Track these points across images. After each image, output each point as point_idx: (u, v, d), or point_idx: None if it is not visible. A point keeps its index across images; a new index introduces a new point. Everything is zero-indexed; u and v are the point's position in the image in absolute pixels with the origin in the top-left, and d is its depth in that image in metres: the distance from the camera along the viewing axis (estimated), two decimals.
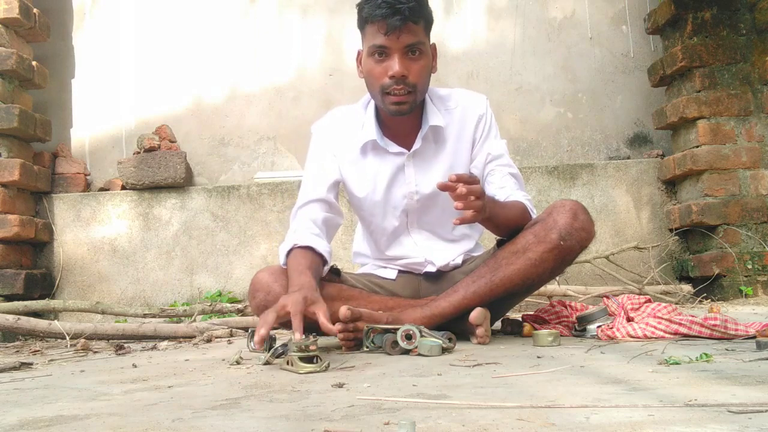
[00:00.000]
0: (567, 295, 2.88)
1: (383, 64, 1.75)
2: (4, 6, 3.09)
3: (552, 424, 0.80)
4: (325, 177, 1.93)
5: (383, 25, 1.71)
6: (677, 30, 3.25)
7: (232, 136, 3.61)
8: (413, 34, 1.73)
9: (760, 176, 3.09)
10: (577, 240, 1.71)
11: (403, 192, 1.90)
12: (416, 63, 1.76)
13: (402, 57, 1.74)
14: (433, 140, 1.89)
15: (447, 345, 1.56)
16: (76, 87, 3.64)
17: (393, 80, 1.74)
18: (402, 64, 1.73)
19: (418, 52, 1.76)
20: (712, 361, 1.23)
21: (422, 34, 1.77)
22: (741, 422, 0.75)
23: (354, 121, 1.94)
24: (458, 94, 1.95)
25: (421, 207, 1.91)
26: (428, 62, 1.80)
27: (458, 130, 1.90)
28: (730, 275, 3.02)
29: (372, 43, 1.75)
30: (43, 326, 2.55)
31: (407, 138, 1.89)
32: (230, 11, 3.68)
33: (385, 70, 1.75)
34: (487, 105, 1.94)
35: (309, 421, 0.88)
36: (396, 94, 1.75)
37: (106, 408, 1.08)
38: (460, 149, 1.90)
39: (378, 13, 1.70)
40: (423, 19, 1.76)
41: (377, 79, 1.77)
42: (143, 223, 3.38)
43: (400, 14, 1.69)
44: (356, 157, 1.92)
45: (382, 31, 1.72)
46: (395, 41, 1.72)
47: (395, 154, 1.89)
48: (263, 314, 1.54)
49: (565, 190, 3.35)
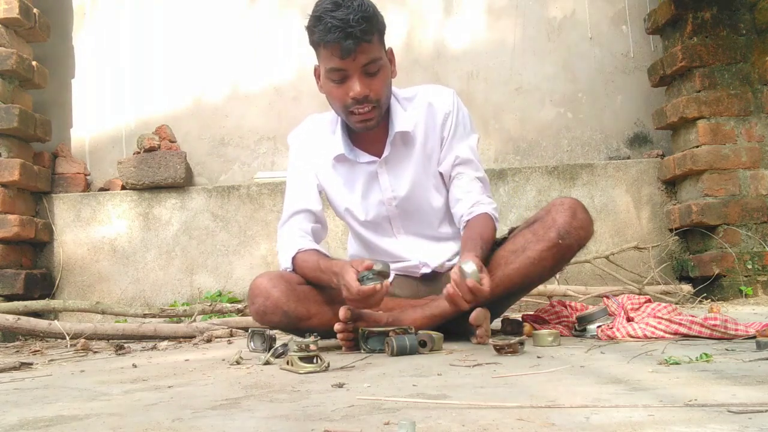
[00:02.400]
0: (567, 295, 2.88)
1: (343, 86, 1.74)
2: (4, 6, 3.09)
3: (552, 424, 0.80)
4: (307, 188, 1.95)
5: (337, 49, 1.68)
6: (677, 30, 3.25)
7: (232, 136, 3.61)
8: (368, 53, 1.70)
9: (760, 176, 3.09)
10: (575, 238, 1.71)
11: (380, 198, 1.91)
12: (375, 79, 1.74)
13: (360, 76, 1.72)
14: (402, 144, 1.89)
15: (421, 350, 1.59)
16: (76, 87, 3.64)
17: (354, 101, 1.73)
18: (362, 84, 1.72)
19: (377, 69, 1.74)
20: (712, 361, 1.23)
21: (377, 48, 1.74)
22: (741, 422, 0.75)
23: (327, 129, 1.95)
24: (424, 92, 1.93)
25: (402, 211, 1.92)
26: (387, 74, 1.79)
27: (425, 130, 1.89)
28: (730, 275, 3.01)
29: (329, 67, 1.73)
30: (43, 326, 2.55)
31: (377, 145, 1.89)
32: (230, 11, 3.68)
33: (346, 91, 1.73)
34: (453, 100, 1.92)
35: (309, 421, 0.88)
36: (360, 112, 1.75)
37: (106, 408, 1.08)
38: (429, 149, 1.90)
39: (330, 38, 1.67)
40: (375, 33, 1.72)
41: (339, 101, 1.77)
42: (143, 223, 3.38)
43: (352, 38, 1.65)
44: (330, 167, 1.93)
45: (337, 54, 1.69)
46: (351, 63, 1.70)
47: (366, 163, 1.89)
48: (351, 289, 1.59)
49: (565, 190, 3.35)
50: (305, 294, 1.77)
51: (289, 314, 1.73)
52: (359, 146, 1.90)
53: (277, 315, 1.74)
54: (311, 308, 1.76)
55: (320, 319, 1.76)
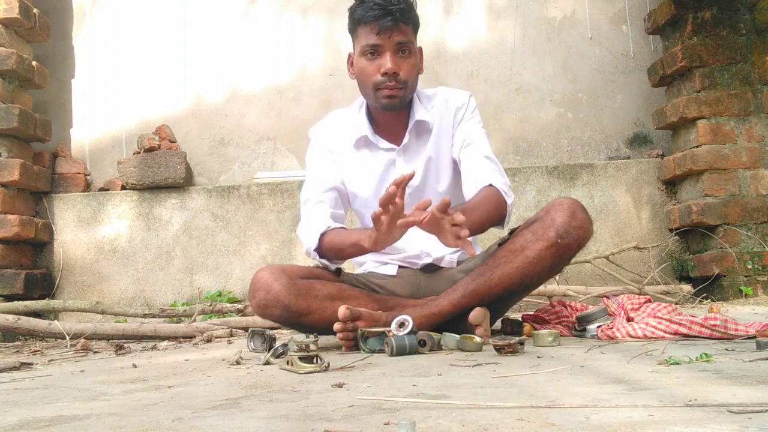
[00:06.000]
0: (567, 295, 2.88)
1: (376, 62, 1.87)
2: (4, 6, 3.09)
3: (552, 424, 0.80)
4: (327, 179, 2.00)
5: (375, 26, 1.83)
6: (677, 30, 3.24)
7: (232, 136, 3.61)
8: (403, 33, 1.86)
9: (760, 176, 3.09)
10: (575, 238, 1.71)
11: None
12: (406, 61, 1.88)
13: (393, 55, 1.85)
14: (420, 134, 1.99)
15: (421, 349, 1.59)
16: (76, 87, 3.64)
17: (385, 77, 1.85)
18: (393, 61, 1.85)
19: (408, 51, 1.88)
20: (712, 361, 1.23)
21: (411, 34, 1.90)
22: (741, 422, 0.75)
23: (349, 121, 2.04)
24: (443, 91, 2.06)
25: (414, 201, 1.92)
26: (417, 61, 1.93)
27: (440, 123, 1.99)
28: (730, 275, 3.01)
29: (365, 43, 1.87)
30: (43, 326, 2.55)
31: (397, 135, 1.99)
32: (230, 11, 3.68)
33: (378, 67, 1.86)
34: (469, 99, 2.03)
35: (309, 421, 0.88)
36: (388, 88, 1.86)
37: (106, 408, 1.08)
38: (442, 139, 1.99)
39: (370, 15, 1.83)
40: (411, 21, 1.89)
41: (370, 77, 1.88)
42: (143, 223, 3.38)
43: (391, 15, 1.82)
44: (351, 153, 2.01)
45: (374, 31, 1.84)
46: (387, 40, 1.84)
47: (386, 150, 1.99)
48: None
49: (565, 190, 3.35)
50: (306, 289, 1.78)
51: (290, 308, 1.74)
52: (380, 134, 2.00)
53: (277, 309, 1.75)
54: (312, 303, 1.77)
55: (321, 315, 1.77)
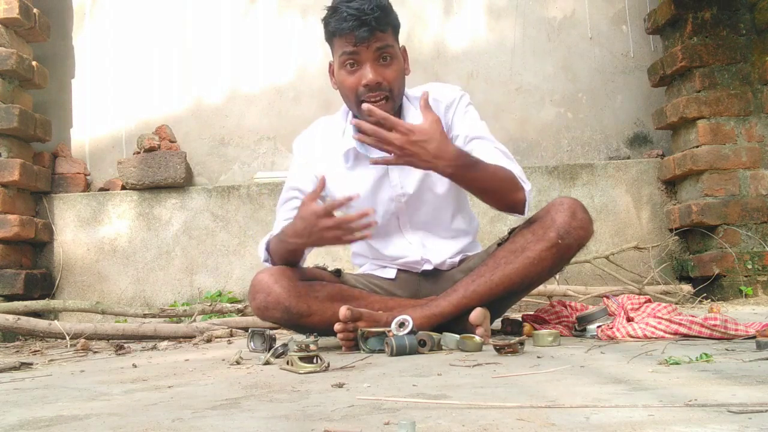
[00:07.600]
0: (567, 295, 2.88)
1: (356, 74, 1.76)
2: (4, 6, 3.09)
3: (552, 424, 0.80)
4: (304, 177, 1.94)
5: (351, 37, 1.72)
6: (677, 30, 3.24)
7: (232, 136, 3.61)
8: (381, 39, 1.74)
9: (760, 176, 3.09)
10: (575, 238, 1.71)
11: (389, 195, 1.90)
12: (389, 68, 1.77)
13: (374, 64, 1.74)
14: None
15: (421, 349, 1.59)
16: (76, 87, 3.64)
17: (367, 88, 1.74)
18: (374, 71, 1.74)
19: (389, 57, 1.76)
20: (712, 361, 1.23)
21: (391, 38, 1.78)
22: (741, 422, 0.75)
23: (335, 129, 1.95)
24: (432, 88, 1.91)
25: (411, 208, 1.92)
26: (401, 66, 1.81)
27: None
28: (730, 275, 3.01)
29: (342, 54, 1.76)
30: (43, 326, 2.55)
31: None
32: (230, 11, 3.67)
33: (359, 79, 1.75)
34: (460, 94, 1.92)
35: (309, 421, 0.88)
36: (372, 101, 1.73)
37: (106, 408, 1.08)
38: None
39: (345, 27, 1.71)
40: (390, 25, 1.77)
41: (352, 90, 1.78)
42: (143, 223, 3.38)
43: (367, 25, 1.70)
44: (340, 165, 1.92)
45: (351, 42, 1.72)
46: (365, 50, 1.73)
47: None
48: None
49: (565, 190, 3.35)
50: (306, 290, 1.77)
51: (290, 310, 1.73)
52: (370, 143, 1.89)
53: (278, 311, 1.74)
54: (312, 305, 1.76)
55: (321, 316, 1.76)
